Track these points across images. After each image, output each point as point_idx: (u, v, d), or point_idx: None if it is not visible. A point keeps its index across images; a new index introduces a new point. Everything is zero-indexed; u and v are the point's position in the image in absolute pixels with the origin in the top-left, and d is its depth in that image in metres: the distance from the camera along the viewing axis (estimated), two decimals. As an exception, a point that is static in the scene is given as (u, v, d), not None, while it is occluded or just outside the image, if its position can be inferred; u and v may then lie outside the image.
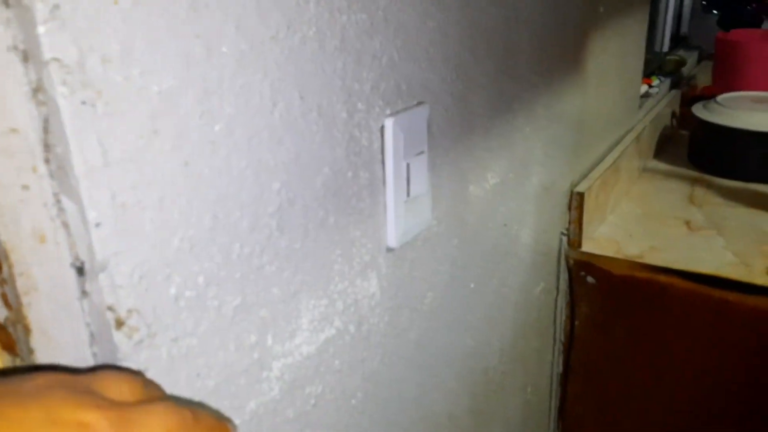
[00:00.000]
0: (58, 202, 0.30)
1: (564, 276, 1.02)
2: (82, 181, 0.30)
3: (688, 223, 1.07)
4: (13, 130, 0.29)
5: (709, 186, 1.20)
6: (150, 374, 0.35)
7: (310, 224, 0.45)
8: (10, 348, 0.33)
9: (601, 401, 1.07)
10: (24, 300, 0.31)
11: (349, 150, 0.48)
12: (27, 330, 0.31)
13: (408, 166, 0.53)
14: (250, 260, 0.40)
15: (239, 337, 0.41)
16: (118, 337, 0.33)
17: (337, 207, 0.48)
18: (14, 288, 0.30)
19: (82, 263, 0.31)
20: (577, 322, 1.05)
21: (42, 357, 0.32)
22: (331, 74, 0.44)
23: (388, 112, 0.51)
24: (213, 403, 0.39)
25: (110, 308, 0.32)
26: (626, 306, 0.98)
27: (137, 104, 0.31)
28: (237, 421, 0.42)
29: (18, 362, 0.33)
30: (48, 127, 0.29)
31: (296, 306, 0.45)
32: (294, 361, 0.46)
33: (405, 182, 0.53)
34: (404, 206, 0.54)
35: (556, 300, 1.04)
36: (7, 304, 0.32)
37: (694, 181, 1.23)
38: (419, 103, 0.55)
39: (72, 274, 0.31)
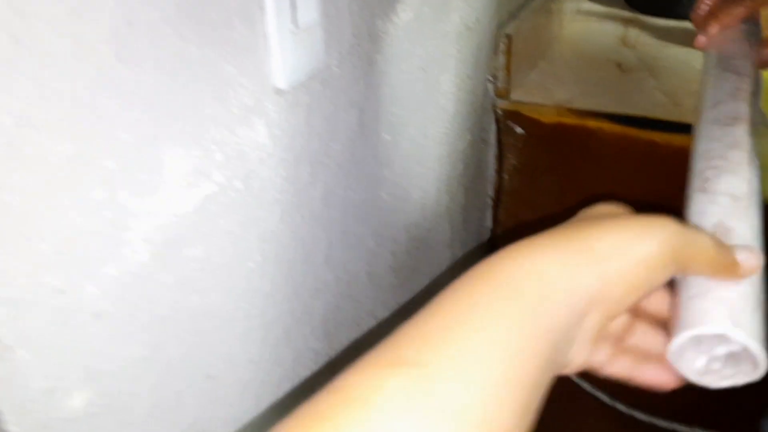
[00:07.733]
0: None
1: (492, 127, 0.97)
2: None
3: (619, 65, 1.01)
4: None
5: (644, 26, 1.14)
6: None
7: (161, 54, 0.37)
8: None
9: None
10: None
11: (208, -39, 0.38)
12: None
13: (290, -14, 0.44)
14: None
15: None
16: None
17: (199, 35, 0.39)
18: None
19: None
20: (505, 176, 1.02)
21: None
22: None
23: None
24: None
25: None
26: (555, 155, 0.95)
27: None
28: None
29: None
30: None
31: (156, 155, 0.38)
32: (163, 222, 0.40)
33: (289, 7, 0.45)
34: (291, 38, 0.46)
35: (484, 153, 0.99)
36: None
37: (628, 22, 1.16)
38: None
39: None
